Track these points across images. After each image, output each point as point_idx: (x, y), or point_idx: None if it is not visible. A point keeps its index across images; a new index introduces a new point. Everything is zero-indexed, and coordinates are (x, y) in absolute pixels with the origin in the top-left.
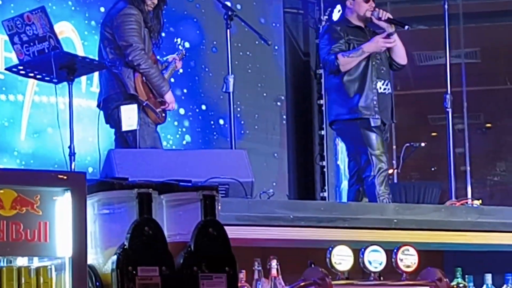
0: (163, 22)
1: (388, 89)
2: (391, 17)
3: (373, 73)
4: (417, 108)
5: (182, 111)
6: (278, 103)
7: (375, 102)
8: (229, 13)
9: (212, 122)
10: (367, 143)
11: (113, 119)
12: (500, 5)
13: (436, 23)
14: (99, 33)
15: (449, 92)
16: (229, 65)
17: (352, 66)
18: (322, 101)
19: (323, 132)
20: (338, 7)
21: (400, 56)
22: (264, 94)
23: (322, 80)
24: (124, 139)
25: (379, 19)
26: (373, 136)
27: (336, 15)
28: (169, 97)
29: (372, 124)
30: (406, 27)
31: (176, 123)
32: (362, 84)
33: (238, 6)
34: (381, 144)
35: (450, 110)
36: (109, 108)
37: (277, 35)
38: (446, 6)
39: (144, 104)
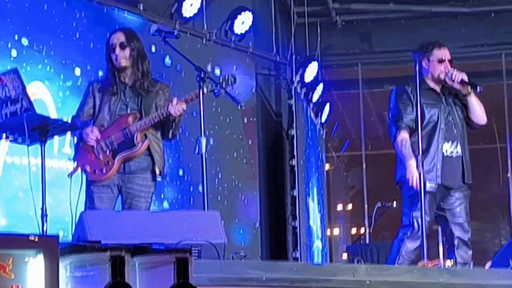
0: (145, 76)
1: (457, 152)
2: (464, 78)
3: (439, 135)
4: (389, 168)
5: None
6: (252, 163)
7: (438, 166)
8: (202, 75)
9: (191, 188)
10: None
11: None
12: (465, 66)
13: (407, 84)
14: None
15: (420, 153)
16: (202, 126)
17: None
18: (294, 162)
19: (295, 193)
20: (310, 67)
21: (478, 116)
22: (236, 155)
23: (294, 141)
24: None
25: (452, 81)
26: (426, 199)
27: (308, 76)
28: (83, 132)
29: (427, 189)
30: (479, 88)
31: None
32: (427, 146)
33: (217, 71)
34: (429, 209)
35: (422, 171)
36: None
37: (250, 96)
38: (417, 68)
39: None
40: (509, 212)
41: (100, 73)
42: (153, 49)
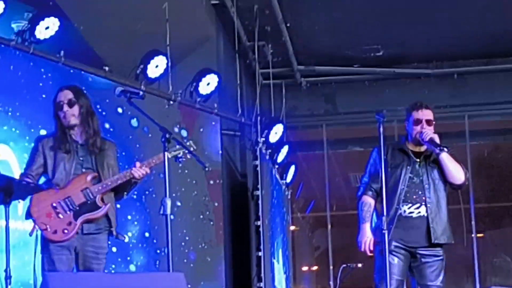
0: (96, 134)
1: (419, 212)
2: (433, 138)
3: (399, 196)
4: (354, 228)
5: (126, 238)
6: (218, 224)
7: (395, 226)
8: (167, 135)
9: (158, 251)
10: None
11: None
12: None
13: (371, 145)
14: None
15: (384, 213)
16: (166, 187)
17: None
18: (259, 222)
19: (260, 253)
20: (275, 129)
21: (453, 176)
22: (202, 217)
23: (259, 202)
24: None
25: (423, 140)
26: (393, 259)
27: (273, 137)
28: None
29: (390, 248)
30: (446, 150)
31: (114, 249)
32: (388, 207)
33: (184, 133)
34: (398, 268)
35: (386, 232)
36: None
37: (215, 157)
38: (381, 129)
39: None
40: (474, 273)
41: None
42: (120, 110)
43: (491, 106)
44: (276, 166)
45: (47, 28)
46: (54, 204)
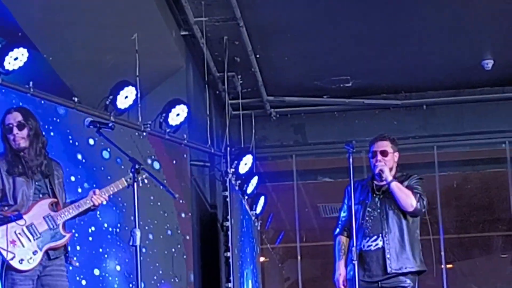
0: (46, 159)
1: (376, 244)
2: (383, 170)
3: (360, 232)
4: (324, 259)
5: (96, 271)
6: (185, 257)
7: (355, 262)
8: (136, 166)
9: (130, 285)
10: None
11: None
12: None
13: (341, 176)
14: None
15: (355, 244)
16: (136, 218)
17: None
18: (229, 253)
19: (230, 285)
20: (245, 159)
21: (404, 204)
22: (174, 250)
23: (229, 232)
24: None
25: (374, 173)
26: None
27: (243, 168)
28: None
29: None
30: (385, 182)
31: (84, 282)
32: (350, 244)
33: (156, 165)
34: None
35: (356, 262)
36: None
37: (184, 187)
38: (351, 160)
39: None
40: None
41: None
42: (91, 141)
43: (459, 137)
44: (246, 197)
45: (16, 59)
46: (18, 232)
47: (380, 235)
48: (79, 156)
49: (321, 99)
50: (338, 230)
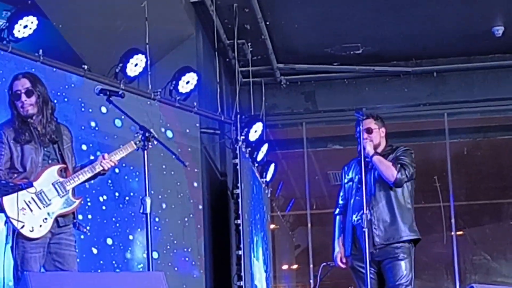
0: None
1: (358, 219)
2: (364, 146)
3: (351, 207)
4: (333, 227)
5: (109, 241)
6: (198, 226)
7: (349, 239)
8: (146, 134)
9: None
10: None
11: None
12: (408, 126)
13: (351, 143)
14: None
15: (365, 211)
16: (146, 186)
17: None
18: (239, 221)
19: (240, 252)
20: (255, 127)
21: (385, 175)
22: (185, 219)
23: (239, 200)
24: None
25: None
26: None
27: (253, 135)
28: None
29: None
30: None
31: (95, 251)
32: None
33: (169, 134)
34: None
35: (366, 230)
36: None
37: (195, 155)
38: (360, 127)
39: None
40: (453, 271)
41: None
42: (104, 110)
43: (470, 104)
44: (256, 165)
45: (26, 26)
46: (28, 200)
47: (368, 208)
48: (92, 124)
49: (332, 66)
50: (337, 210)
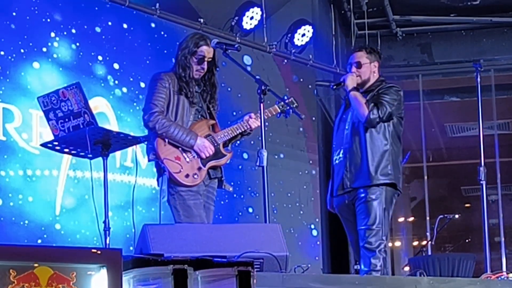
0: (215, 87)
1: (340, 157)
2: (345, 80)
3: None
4: (450, 179)
5: (231, 188)
6: (313, 173)
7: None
8: (263, 87)
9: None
10: None
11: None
12: None
13: (468, 95)
14: None
15: (482, 164)
16: (263, 139)
17: None
18: None
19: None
20: None
21: (357, 115)
22: (299, 173)
23: None
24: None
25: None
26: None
27: None
28: (197, 147)
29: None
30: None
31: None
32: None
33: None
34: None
35: (484, 183)
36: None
37: (311, 107)
38: (478, 79)
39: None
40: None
41: None
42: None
43: None
44: None
45: None
46: (182, 149)
47: (342, 148)
48: None
49: (448, 18)
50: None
